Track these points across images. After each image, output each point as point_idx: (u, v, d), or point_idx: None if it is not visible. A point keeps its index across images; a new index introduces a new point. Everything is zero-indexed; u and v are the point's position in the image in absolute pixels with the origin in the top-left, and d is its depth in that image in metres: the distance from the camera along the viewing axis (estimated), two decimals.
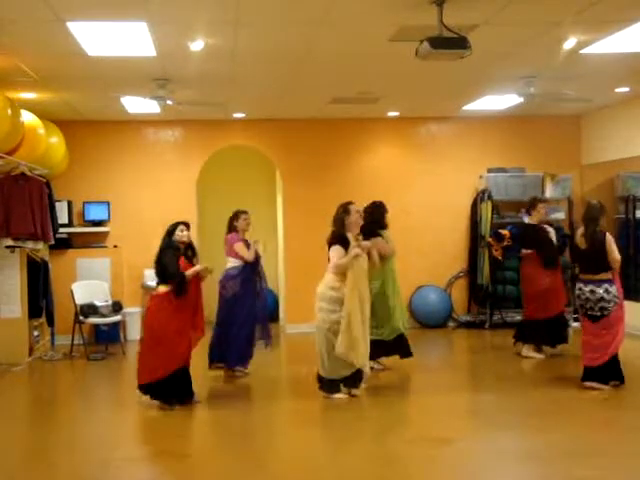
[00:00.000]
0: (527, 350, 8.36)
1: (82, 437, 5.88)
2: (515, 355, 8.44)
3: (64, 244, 9.93)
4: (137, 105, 9.10)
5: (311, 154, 10.84)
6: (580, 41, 6.59)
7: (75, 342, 9.08)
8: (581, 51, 6.93)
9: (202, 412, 6.45)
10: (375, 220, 7.53)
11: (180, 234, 6.52)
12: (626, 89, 9.18)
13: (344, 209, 6.63)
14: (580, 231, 6.92)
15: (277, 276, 11.57)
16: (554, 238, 8.33)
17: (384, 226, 7.66)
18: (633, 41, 6.62)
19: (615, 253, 6.75)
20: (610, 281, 6.77)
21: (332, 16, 5.74)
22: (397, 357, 7.80)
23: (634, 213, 10.22)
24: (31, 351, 8.79)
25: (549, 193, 10.64)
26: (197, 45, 6.40)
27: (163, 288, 6.39)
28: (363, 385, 6.74)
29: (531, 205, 8.42)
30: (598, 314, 6.75)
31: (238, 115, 10.39)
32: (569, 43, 6.62)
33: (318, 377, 6.66)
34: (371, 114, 10.52)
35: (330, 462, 5.16)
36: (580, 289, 6.81)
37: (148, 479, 5.02)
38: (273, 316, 11.41)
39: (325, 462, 5.17)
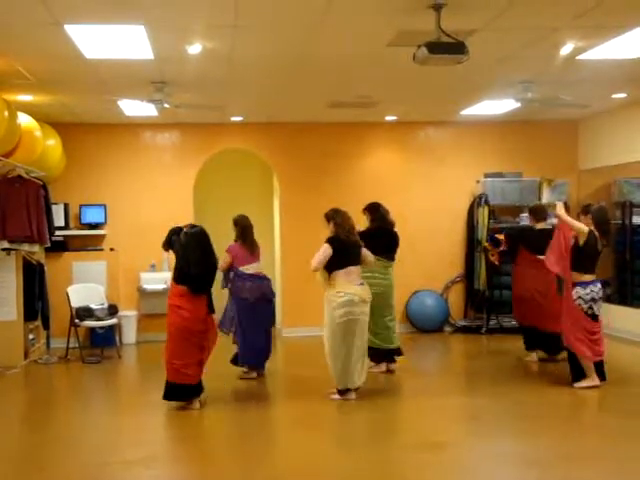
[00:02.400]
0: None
1: (78, 441, 5.86)
2: (512, 359, 8.46)
3: (60, 247, 9.91)
4: (134, 108, 9.09)
5: (308, 158, 10.83)
6: (577, 47, 6.60)
7: (70, 345, 9.07)
8: (578, 57, 6.94)
9: (199, 415, 6.43)
10: None
11: None
12: (623, 95, 9.20)
13: None
14: (596, 234, 6.98)
15: (274, 280, 11.55)
16: None
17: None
18: (630, 47, 6.63)
19: None
20: None
21: (330, 20, 5.74)
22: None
23: (631, 219, 10.24)
24: (26, 354, 8.75)
25: (546, 198, 10.64)
26: (195, 48, 6.40)
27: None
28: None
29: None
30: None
31: (236, 118, 10.38)
32: (566, 49, 6.63)
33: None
34: (369, 118, 10.52)
35: (326, 466, 5.15)
36: (591, 290, 6.89)
37: None
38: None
39: (321, 466, 5.15)
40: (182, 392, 6.48)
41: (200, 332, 6.41)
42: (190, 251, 6.39)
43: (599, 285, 6.95)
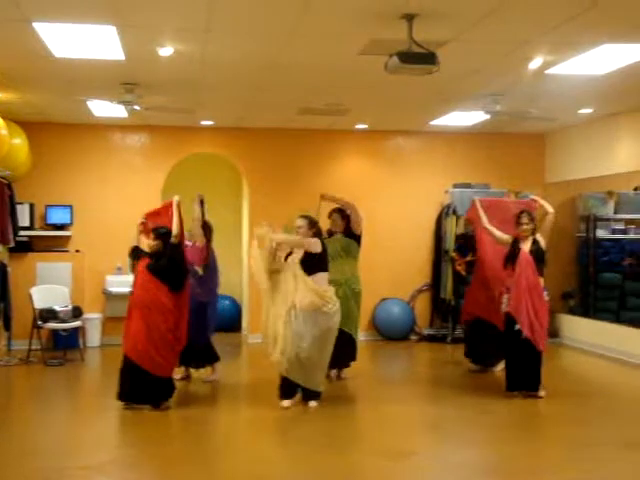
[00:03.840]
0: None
1: (36, 445, 5.76)
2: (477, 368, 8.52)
3: (24, 247, 9.77)
4: (104, 109, 9.01)
5: (278, 164, 10.83)
6: (546, 61, 6.69)
7: (33, 347, 8.92)
8: (547, 71, 7.04)
9: (159, 420, 6.37)
10: None
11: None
12: (589, 110, 9.34)
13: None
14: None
15: (240, 285, 11.52)
16: None
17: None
18: (597, 64, 6.74)
19: None
20: None
21: (302, 28, 5.75)
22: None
23: (594, 232, 10.40)
24: None
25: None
26: (166, 51, 6.37)
27: None
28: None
29: None
30: None
31: (206, 122, 10.35)
32: (535, 63, 6.71)
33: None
34: (340, 126, 10.55)
35: (287, 473, 5.14)
36: None
37: None
38: (235, 325, 11.40)
39: (282, 473, 5.14)
40: (152, 391, 6.52)
41: (180, 330, 6.67)
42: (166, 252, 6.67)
43: None
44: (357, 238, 7.82)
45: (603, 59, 6.58)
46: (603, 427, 6.29)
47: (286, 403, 6.67)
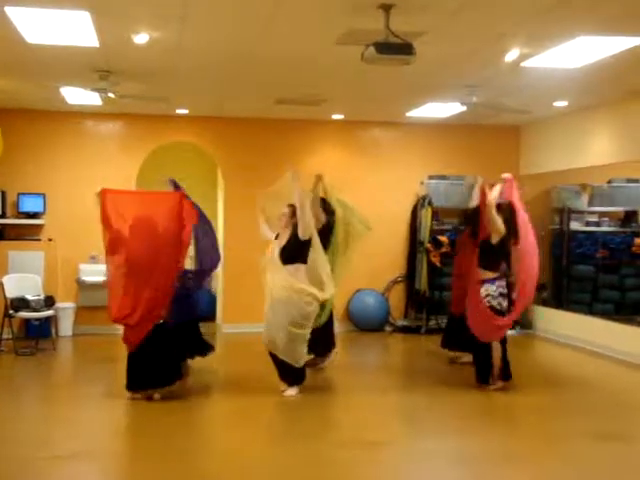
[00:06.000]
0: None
1: (6, 434, 5.71)
2: (448, 360, 8.56)
3: None
4: (77, 96, 8.89)
5: (254, 154, 10.78)
6: (522, 54, 6.71)
7: (4, 336, 8.83)
8: (522, 64, 7.07)
9: (135, 410, 6.34)
10: None
11: None
12: (564, 103, 9.41)
13: None
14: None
15: (215, 275, 11.47)
16: None
17: None
18: (572, 57, 6.77)
19: None
20: None
21: (279, 16, 5.72)
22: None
23: (568, 225, 10.50)
24: None
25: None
26: (141, 38, 6.30)
27: None
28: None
29: None
30: None
31: (181, 111, 10.27)
32: (511, 55, 6.74)
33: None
34: (316, 116, 10.53)
35: (260, 463, 5.13)
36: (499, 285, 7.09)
37: (71, 479, 4.91)
38: (210, 315, 11.36)
39: (254, 462, 5.14)
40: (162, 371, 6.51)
41: None
42: None
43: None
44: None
45: (578, 52, 6.61)
46: (575, 418, 6.37)
47: (291, 391, 6.75)
